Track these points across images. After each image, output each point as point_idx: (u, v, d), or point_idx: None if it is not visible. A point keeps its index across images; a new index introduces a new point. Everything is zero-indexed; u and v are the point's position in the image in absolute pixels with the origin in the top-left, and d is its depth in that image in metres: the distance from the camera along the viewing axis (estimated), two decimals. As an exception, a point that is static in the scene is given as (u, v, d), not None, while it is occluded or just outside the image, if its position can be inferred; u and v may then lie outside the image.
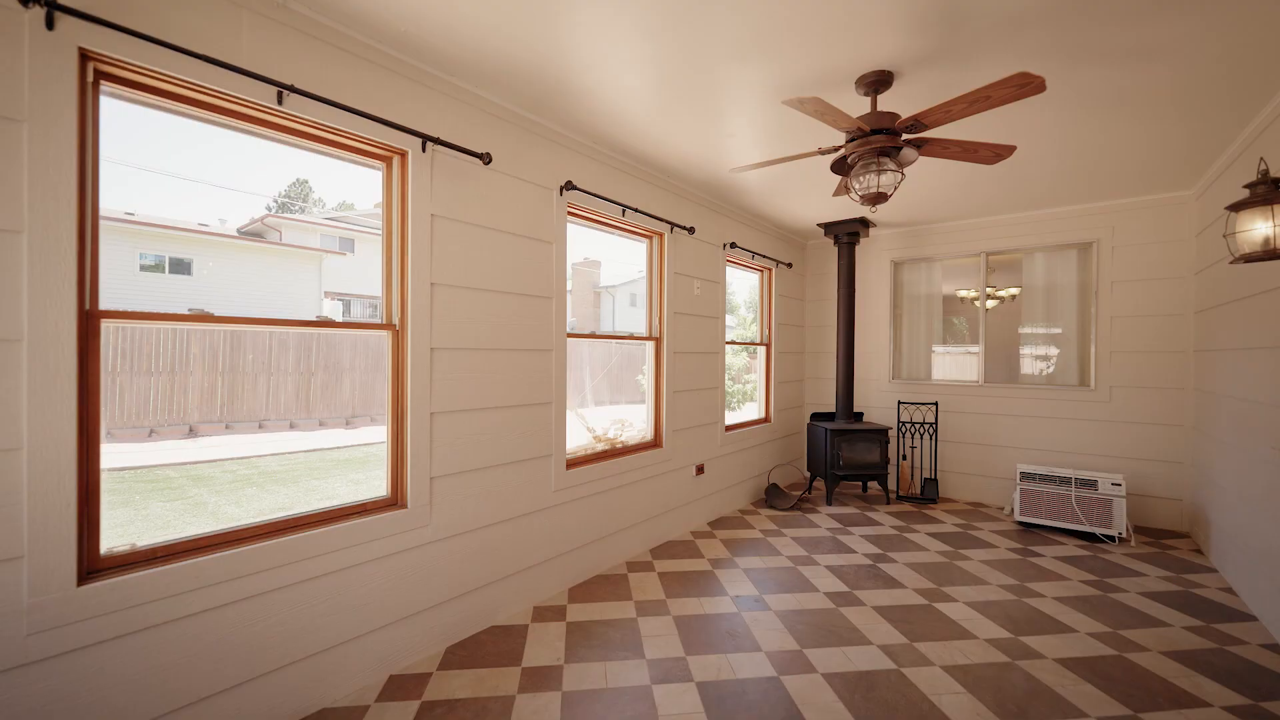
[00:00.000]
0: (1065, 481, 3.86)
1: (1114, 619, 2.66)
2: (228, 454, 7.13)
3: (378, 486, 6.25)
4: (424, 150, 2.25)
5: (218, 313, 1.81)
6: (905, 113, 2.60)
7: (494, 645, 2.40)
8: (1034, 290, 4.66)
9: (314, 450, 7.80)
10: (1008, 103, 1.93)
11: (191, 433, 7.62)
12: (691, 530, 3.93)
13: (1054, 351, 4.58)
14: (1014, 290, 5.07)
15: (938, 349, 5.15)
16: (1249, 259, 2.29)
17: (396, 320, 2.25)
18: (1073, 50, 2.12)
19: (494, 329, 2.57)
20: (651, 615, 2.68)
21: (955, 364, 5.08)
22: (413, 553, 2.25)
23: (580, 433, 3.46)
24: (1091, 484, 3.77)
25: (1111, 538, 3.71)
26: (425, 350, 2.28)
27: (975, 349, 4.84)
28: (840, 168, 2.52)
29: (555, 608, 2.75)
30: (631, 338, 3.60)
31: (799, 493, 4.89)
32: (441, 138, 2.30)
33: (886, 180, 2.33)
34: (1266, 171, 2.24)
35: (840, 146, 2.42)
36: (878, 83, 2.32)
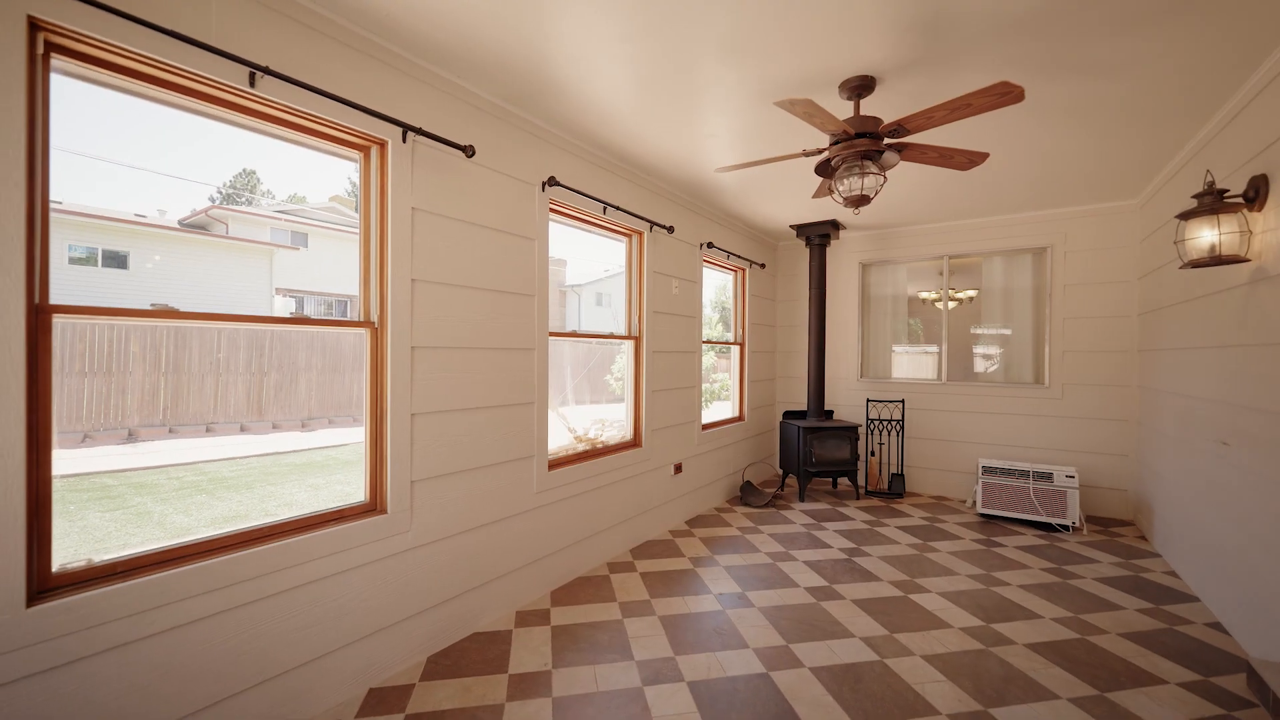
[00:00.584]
0: (1023, 475, 4.05)
1: (1074, 604, 2.81)
2: (172, 460, 6.70)
3: (341, 491, 5.98)
4: (404, 141, 2.16)
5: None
6: (885, 117, 2.67)
7: (478, 653, 2.33)
8: (992, 292, 4.87)
9: (268, 454, 7.43)
10: (988, 111, 2.00)
11: (131, 437, 7.12)
12: (670, 529, 3.93)
13: (1011, 351, 4.81)
14: (971, 292, 5.29)
15: (904, 349, 5.33)
16: (1196, 264, 2.45)
17: (375, 317, 2.15)
18: (1043, 64, 2.21)
19: (476, 327, 2.50)
20: (637, 616, 2.66)
21: (919, 363, 5.26)
22: (393, 560, 2.16)
23: (561, 433, 3.40)
24: (1048, 476, 3.97)
25: (1066, 527, 3.92)
26: (406, 349, 2.19)
27: (934, 349, 5.03)
28: (824, 170, 2.56)
29: (538, 611, 2.69)
30: (612, 336, 3.56)
31: (772, 490, 4.96)
32: (424, 128, 2.21)
33: (870, 183, 2.38)
34: (1213, 183, 2.40)
35: (824, 149, 2.46)
36: (861, 87, 2.37)
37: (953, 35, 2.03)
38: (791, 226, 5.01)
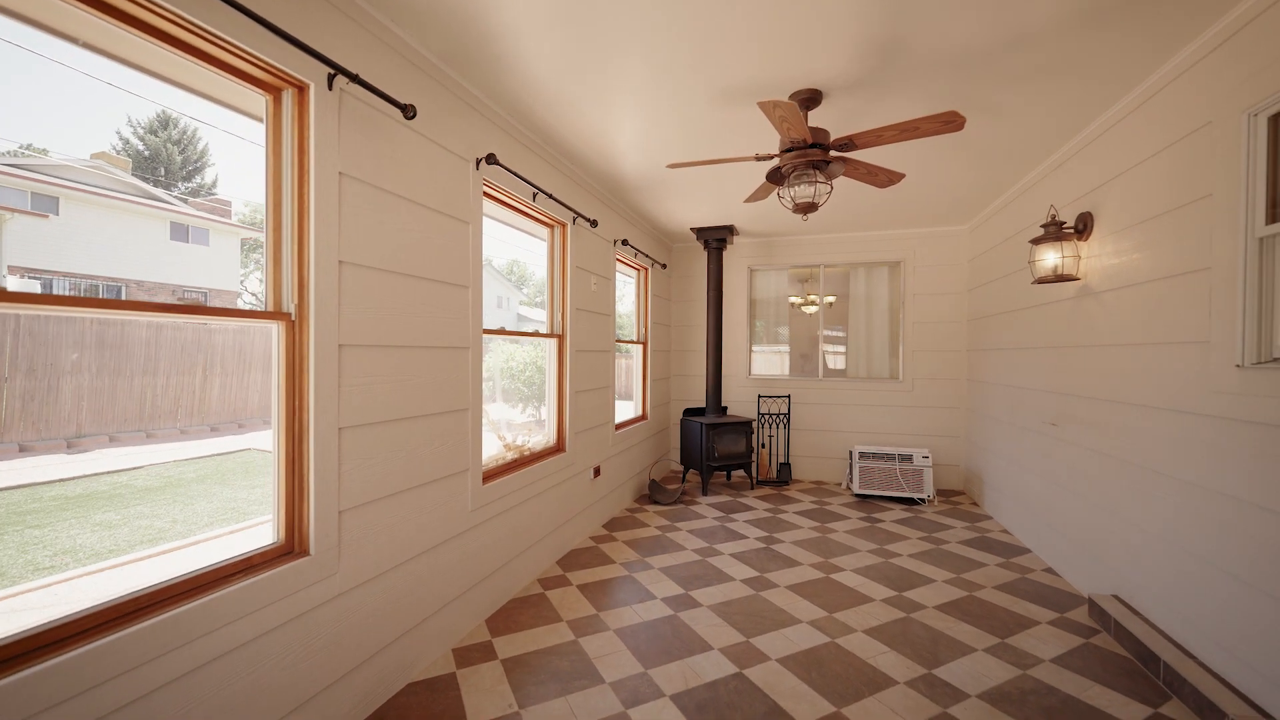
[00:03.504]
0: (891, 458, 4.68)
1: (953, 566, 3.29)
2: None
3: (147, 526, 4.71)
4: (330, 88, 1.73)
5: None
6: (825, 130, 2.84)
7: (422, 708, 1.97)
8: (858, 299, 5.54)
9: (19, 486, 5.57)
10: (932, 135, 2.23)
11: None
12: (591, 536, 3.78)
13: (873, 350, 5.52)
14: (831, 298, 5.97)
15: (783, 348, 5.81)
16: (1043, 280, 3.03)
17: (292, 307, 1.69)
18: (957, 101, 2.54)
19: (411, 321, 2.11)
20: (591, 633, 2.49)
21: (796, 361, 5.79)
22: (318, 612, 1.73)
23: (491, 440, 3.06)
24: (909, 458, 4.63)
25: (923, 500, 4.61)
26: (332, 347, 1.76)
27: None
28: (774, 176, 2.64)
29: (479, 645, 2.38)
30: (536, 334, 3.30)
31: (676, 486, 5.06)
32: (360, 75, 1.79)
33: (819, 191, 2.52)
34: (1055, 215, 2.99)
35: (775, 155, 2.54)
36: (810, 100, 2.49)
37: (899, 62, 2.22)
38: (693, 229, 5.15)
